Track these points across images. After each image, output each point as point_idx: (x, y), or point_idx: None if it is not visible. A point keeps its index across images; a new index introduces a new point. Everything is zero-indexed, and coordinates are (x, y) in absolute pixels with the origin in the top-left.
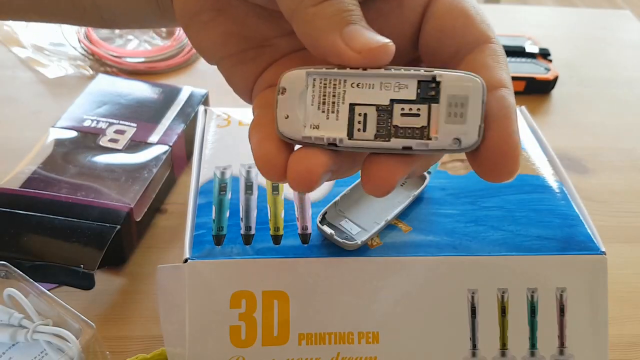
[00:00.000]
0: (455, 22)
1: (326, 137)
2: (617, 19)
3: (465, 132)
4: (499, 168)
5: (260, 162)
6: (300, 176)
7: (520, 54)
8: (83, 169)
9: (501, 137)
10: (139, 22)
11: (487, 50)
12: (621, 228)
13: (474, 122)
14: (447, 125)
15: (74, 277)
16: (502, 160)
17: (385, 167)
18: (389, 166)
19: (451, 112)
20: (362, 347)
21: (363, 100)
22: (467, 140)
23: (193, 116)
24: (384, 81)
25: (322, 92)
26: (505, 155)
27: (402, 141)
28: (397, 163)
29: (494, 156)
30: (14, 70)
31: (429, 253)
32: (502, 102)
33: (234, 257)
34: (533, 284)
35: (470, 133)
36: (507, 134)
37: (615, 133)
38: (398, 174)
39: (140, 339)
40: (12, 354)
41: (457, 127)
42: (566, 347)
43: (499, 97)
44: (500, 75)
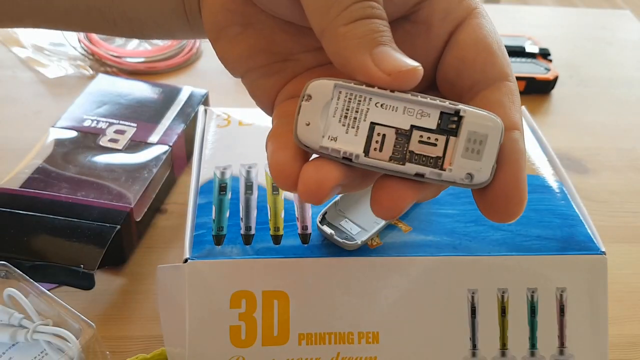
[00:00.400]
0: (477, 55)
1: (343, 150)
2: (617, 19)
3: (478, 169)
4: (503, 210)
5: (274, 171)
6: (311, 188)
7: (520, 54)
8: (83, 169)
9: (509, 182)
10: (169, 34)
11: (504, 89)
12: (621, 228)
13: (489, 161)
14: (463, 160)
15: (74, 277)
16: (507, 204)
17: (396, 191)
18: (400, 190)
19: (469, 148)
20: (362, 347)
21: (384, 121)
22: (479, 177)
23: (193, 116)
24: (408, 106)
25: (346, 106)
26: (512, 200)
27: (415, 167)
28: (407, 189)
29: (500, 199)
30: (14, 70)
31: (429, 253)
32: (514, 146)
33: (234, 257)
34: (533, 284)
35: (483, 171)
36: (516, 179)
37: (615, 133)
38: (407, 199)
39: (140, 339)
40: (12, 354)
41: (472, 162)
42: (566, 347)
43: (513, 140)
44: (514, 117)
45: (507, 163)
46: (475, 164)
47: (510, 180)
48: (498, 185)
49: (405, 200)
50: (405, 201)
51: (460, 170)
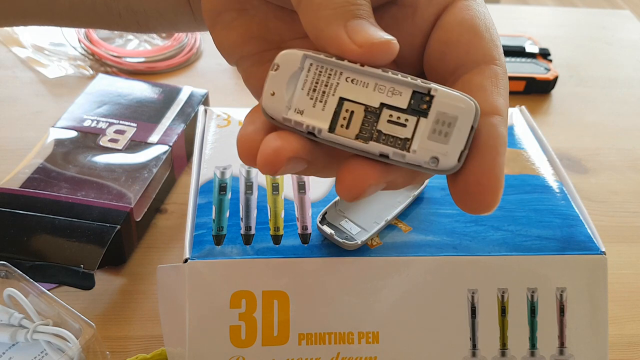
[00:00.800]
0: (461, 36)
1: (306, 124)
2: (617, 19)
3: (445, 153)
4: (475, 199)
5: (238, 143)
6: (268, 157)
7: (520, 54)
8: (83, 169)
9: (483, 169)
10: (173, 26)
11: (487, 72)
12: (621, 228)
13: (457, 145)
14: (429, 142)
15: (74, 277)
16: (479, 192)
17: (360, 171)
18: (364, 171)
19: (436, 130)
20: (362, 347)
21: (354, 97)
22: (445, 162)
23: (193, 116)
24: (379, 83)
25: (316, 79)
26: (485, 189)
27: (379, 147)
28: (372, 170)
29: (472, 186)
30: (14, 70)
31: (429, 253)
32: (492, 131)
33: (234, 257)
34: (533, 284)
35: (450, 155)
36: (491, 166)
37: (615, 133)
38: (370, 180)
39: (140, 339)
40: (12, 354)
41: (439, 145)
42: (566, 347)
43: (490, 124)
44: (495, 101)
45: (483, 148)
46: (441, 147)
47: (484, 167)
48: (471, 171)
49: (367, 181)
50: (367, 182)
51: (425, 152)
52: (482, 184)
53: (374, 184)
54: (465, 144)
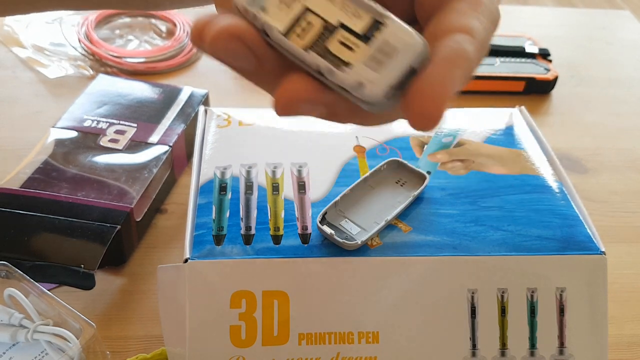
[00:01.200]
0: None
1: (263, 21)
2: (617, 19)
3: (372, 81)
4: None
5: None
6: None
7: (520, 54)
8: (83, 169)
9: (429, 79)
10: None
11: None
12: (621, 228)
13: (388, 78)
14: (363, 67)
15: (74, 277)
16: (420, 102)
17: (295, 83)
18: (299, 84)
19: (375, 57)
20: (362, 347)
21: (318, 10)
22: (370, 90)
23: (193, 116)
24: (346, 2)
25: None
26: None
27: (318, 60)
28: (307, 84)
29: (415, 95)
30: (14, 70)
31: (429, 253)
32: (450, 44)
33: (234, 257)
34: (533, 284)
35: (376, 85)
36: (437, 77)
37: (615, 133)
38: (303, 93)
39: (140, 339)
40: (12, 353)
41: (370, 72)
42: (566, 347)
43: (452, 40)
44: (467, 21)
45: (435, 59)
46: (371, 75)
47: (430, 77)
48: (417, 81)
49: (300, 94)
50: (300, 95)
51: (354, 75)
52: (424, 93)
53: (307, 99)
54: (398, 80)
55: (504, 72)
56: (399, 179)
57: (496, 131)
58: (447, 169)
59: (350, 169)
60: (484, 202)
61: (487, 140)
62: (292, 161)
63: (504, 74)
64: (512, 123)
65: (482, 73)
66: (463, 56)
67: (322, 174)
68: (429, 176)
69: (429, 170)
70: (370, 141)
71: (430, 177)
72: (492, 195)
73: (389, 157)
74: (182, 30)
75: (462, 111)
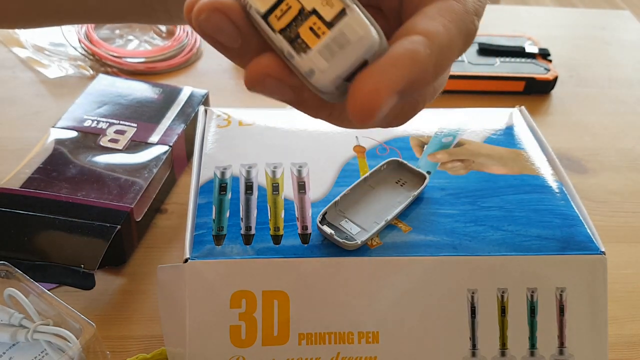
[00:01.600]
0: None
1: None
2: (617, 19)
3: (322, 70)
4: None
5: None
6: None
7: (520, 54)
8: (83, 169)
9: (370, 74)
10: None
11: (443, 4)
12: (621, 228)
13: (337, 68)
14: (316, 54)
15: (74, 277)
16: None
17: (263, 60)
18: (266, 61)
19: (329, 46)
20: (362, 347)
21: None
22: (319, 78)
23: (193, 116)
24: None
25: None
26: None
27: (283, 43)
28: (274, 63)
29: (354, 90)
30: (14, 70)
31: (429, 253)
32: (404, 45)
33: (234, 257)
34: (533, 284)
35: (326, 74)
36: (379, 73)
37: (615, 133)
38: (268, 69)
39: (140, 339)
40: (12, 353)
41: (321, 61)
42: (566, 347)
43: (408, 41)
44: (430, 25)
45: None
46: (322, 64)
47: (372, 75)
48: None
49: (266, 69)
50: (265, 70)
51: (308, 62)
52: (362, 86)
53: (273, 76)
54: (347, 71)
55: (504, 72)
56: (399, 179)
57: (496, 131)
58: (447, 169)
59: (350, 169)
60: (483, 202)
61: (487, 140)
62: (292, 161)
63: (504, 74)
64: (512, 123)
65: (482, 73)
66: (411, 56)
67: (322, 174)
68: (429, 176)
69: (429, 170)
70: (370, 141)
71: (430, 177)
72: (492, 195)
73: (389, 157)
74: (182, 30)
75: (462, 111)
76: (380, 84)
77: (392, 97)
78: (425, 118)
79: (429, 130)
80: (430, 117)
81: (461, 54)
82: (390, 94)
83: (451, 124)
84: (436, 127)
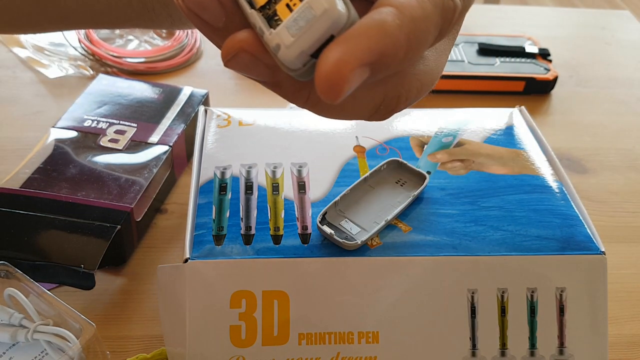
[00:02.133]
0: None
1: None
2: (617, 19)
3: (287, 45)
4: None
5: None
6: None
7: (520, 54)
8: (83, 169)
9: (336, 46)
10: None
11: None
12: (621, 228)
13: (302, 43)
14: (283, 29)
15: (74, 277)
16: (322, 70)
17: (241, 34)
18: (243, 35)
19: (296, 21)
20: (362, 347)
21: None
22: (284, 54)
23: (193, 116)
24: None
25: None
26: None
27: (256, 19)
28: (248, 37)
29: (320, 64)
30: (14, 70)
31: (429, 253)
32: (372, 17)
33: (234, 257)
34: (533, 284)
35: (290, 49)
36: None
37: (615, 133)
38: (242, 43)
39: (140, 339)
40: (12, 353)
41: (287, 36)
42: (566, 347)
43: (377, 12)
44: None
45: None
46: (287, 38)
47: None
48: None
49: (241, 44)
50: (241, 45)
51: (275, 37)
52: (327, 58)
53: (247, 51)
54: (313, 46)
55: (504, 72)
56: (399, 179)
57: (496, 131)
58: (447, 169)
59: (350, 169)
60: (483, 202)
61: (487, 140)
62: (292, 161)
63: (504, 74)
64: (512, 123)
65: (482, 73)
66: (378, 27)
67: (322, 174)
68: (429, 176)
69: (429, 170)
70: (370, 141)
71: (430, 177)
72: (492, 195)
73: (389, 157)
74: (182, 31)
75: (462, 111)
76: (345, 55)
77: (360, 71)
78: (425, 118)
79: (429, 130)
80: (430, 117)
81: (441, 31)
82: (358, 67)
83: (451, 124)
84: (436, 127)
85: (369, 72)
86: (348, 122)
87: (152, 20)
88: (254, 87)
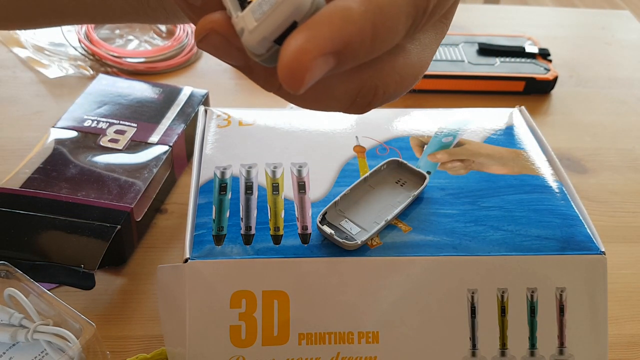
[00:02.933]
0: None
1: None
2: (617, 19)
3: (250, 30)
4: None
5: None
6: None
7: (520, 54)
8: (83, 169)
9: (297, 34)
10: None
11: None
12: (620, 228)
13: (264, 28)
14: (248, 12)
15: (74, 277)
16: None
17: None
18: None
19: (261, 6)
20: (362, 347)
21: None
22: (247, 38)
23: (193, 116)
24: None
25: None
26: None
27: (227, 2)
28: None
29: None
30: (14, 70)
31: (429, 253)
32: (335, 3)
33: (234, 257)
34: (533, 284)
35: (253, 34)
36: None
37: (615, 133)
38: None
39: (140, 339)
40: (12, 353)
41: (251, 21)
42: (566, 347)
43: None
44: None
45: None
46: (251, 23)
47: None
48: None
49: (212, 25)
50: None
51: (240, 21)
52: (288, 46)
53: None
54: (275, 32)
55: (504, 72)
56: (399, 179)
57: (496, 131)
58: (447, 169)
59: (350, 169)
60: (483, 202)
61: (487, 140)
62: (292, 161)
63: (504, 74)
64: (512, 123)
65: (482, 73)
66: (342, 14)
67: (322, 174)
68: (429, 176)
69: (429, 170)
70: (370, 141)
71: (430, 177)
72: (492, 195)
73: (389, 157)
74: (182, 30)
75: (462, 111)
76: (307, 43)
77: (323, 60)
78: (425, 118)
79: (429, 130)
80: (430, 117)
81: (415, 21)
82: (320, 55)
83: (451, 124)
84: (436, 127)
85: (334, 61)
86: (348, 122)
87: (147, 15)
88: (254, 87)
